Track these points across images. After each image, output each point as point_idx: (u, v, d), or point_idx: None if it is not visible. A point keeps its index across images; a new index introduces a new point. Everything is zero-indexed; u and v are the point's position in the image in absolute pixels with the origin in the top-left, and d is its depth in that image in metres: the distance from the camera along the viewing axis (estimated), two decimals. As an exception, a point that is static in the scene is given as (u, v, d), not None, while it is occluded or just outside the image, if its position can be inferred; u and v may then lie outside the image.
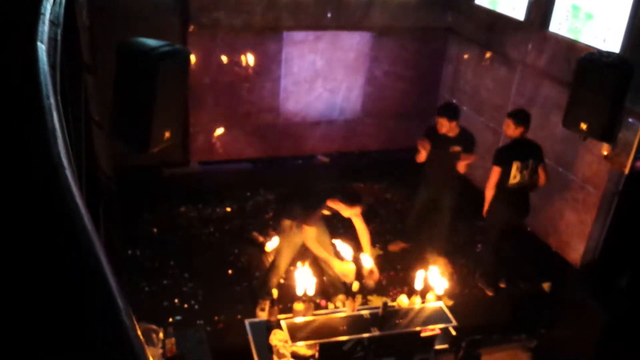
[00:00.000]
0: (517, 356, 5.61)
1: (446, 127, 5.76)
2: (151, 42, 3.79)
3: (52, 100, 1.32)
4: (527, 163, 5.54)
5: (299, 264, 4.89)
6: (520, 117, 5.57)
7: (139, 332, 0.95)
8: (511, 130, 5.56)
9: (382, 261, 6.04)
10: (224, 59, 6.96)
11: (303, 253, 5.25)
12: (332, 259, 4.95)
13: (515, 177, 5.57)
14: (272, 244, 6.00)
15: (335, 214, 5.02)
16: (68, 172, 1.06)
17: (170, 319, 5.19)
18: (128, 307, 0.91)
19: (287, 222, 5.11)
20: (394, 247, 6.52)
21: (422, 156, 5.85)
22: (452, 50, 7.97)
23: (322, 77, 7.58)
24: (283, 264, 5.19)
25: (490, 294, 6.10)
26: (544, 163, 5.63)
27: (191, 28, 6.62)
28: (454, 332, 4.58)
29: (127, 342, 0.85)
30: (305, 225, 4.87)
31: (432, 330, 4.46)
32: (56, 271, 0.90)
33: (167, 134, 3.99)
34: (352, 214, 4.95)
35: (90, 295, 0.89)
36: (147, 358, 0.90)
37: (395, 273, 6.05)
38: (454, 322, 4.56)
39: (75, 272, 0.91)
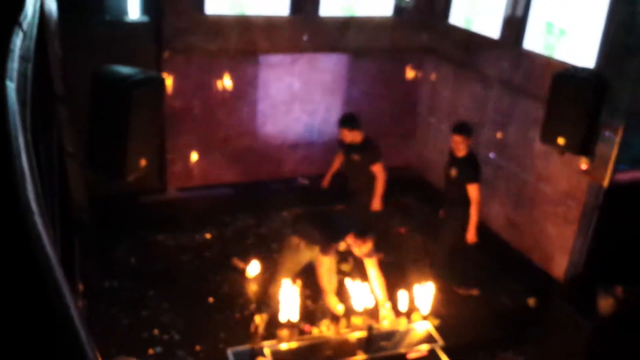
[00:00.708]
0: (505, 374, 5.57)
1: (348, 136, 6.03)
2: (125, 69, 3.75)
3: (21, 141, 1.28)
4: None
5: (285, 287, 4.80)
6: (468, 129, 5.81)
7: None
8: (464, 146, 5.75)
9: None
10: (200, 83, 6.92)
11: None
12: (331, 296, 4.89)
13: None
14: (253, 269, 5.92)
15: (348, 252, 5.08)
16: (37, 219, 1.02)
17: (150, 351, 5.06)
18: (89, 338, 0.89)
19: (295, 239, 5.08)
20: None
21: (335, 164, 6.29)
22: (428, 70, 8.02)
23: (299, 99, 7.57)
24: (284, 276, 5.09)
25: (476, 292, 6.20)
26: None
27: (166, 54, 6.58)
28: (441, 353, 4.52)
29: None
30: (322, 254, 4.82)
31: (419, 352, 4.40)
32: (22, 326, 0.87)
33: (142, 162, 3.94)
34: (363, 252, 4.90)
35: (59, 349, 0.86)
36: None
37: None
38: (441, 342, 4.51)
39: (43, 326, 0.87)
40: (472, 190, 5.82)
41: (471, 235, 5.94)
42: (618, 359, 4.87)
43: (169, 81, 6.57)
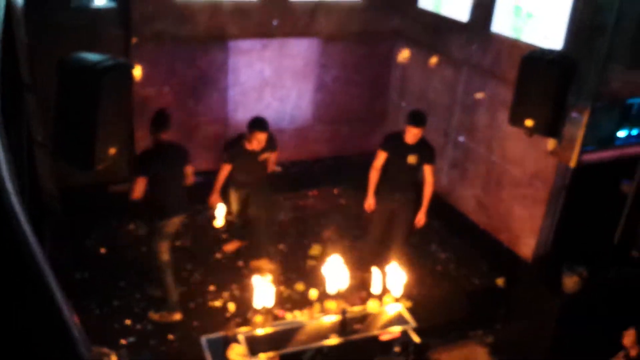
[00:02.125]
0: (474, 352, 5.68)
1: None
2: (92, 56, 3.69)
3: None
4: None
5: (257, 276, 4.82)
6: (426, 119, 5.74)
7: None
8: (417, 132, 5.67)
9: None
10: (169, 70, 6.84)
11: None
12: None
13: None
14: (219, 212, 5.81)
15: None
16: (14, 198, 1.01)
17: (123, 341, 5.05)
18: (84, 337, 0.93)
19: None
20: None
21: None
22: (399, 53, 8.04)
23: (270, 85, 7.54)
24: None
25: None
26: None
27: (134, 40, 6.47)
28: (413, 334, 4.59)
29: None
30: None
31: (391, 333, 4.47)
32: (6, 303, 0.87)
33: (112, 151, 3.89)
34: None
35: (44, 328, 0.86)
36: None
37: (353, 278, 6.03)
38: (413, 324, 4.58)
39: (27, 305, 0.88)
40: (431, 171, 5.83)
41: (423, 218, 5.98)
42: (584, 335, 5.01)
43: (137, 68, 6.47)
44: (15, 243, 0.92)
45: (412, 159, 5.75)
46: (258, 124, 5.72)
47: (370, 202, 6.02)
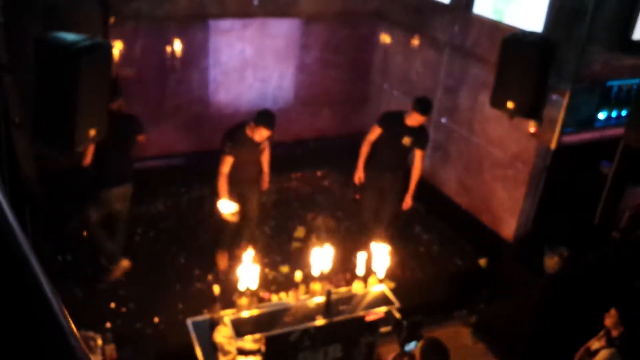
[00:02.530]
0: (458, 332, 5.77)
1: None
2: (70, 36, 3.64)
3: None
4: None
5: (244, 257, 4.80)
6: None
7: (85, 349, 0.90)
8: (419, 119, 5.75)
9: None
10: (149, 50, 6.72)
11: None
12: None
13: None
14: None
15: None
16: None
17: (109, 324, 5.01)
18: (71, 325, 0.87)
19: None
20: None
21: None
22: (381, 35, 8.01)
23: (252, 66, 7.46)
24: None
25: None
26: None
27: (112, 20, 6.34)
28: (397, 314, 4.63)
29: None
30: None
31: (376, 313, 4.50)
32: None
33: (92, 132, 3.84)
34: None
35: (32, 315, 0.84)
36: None
37: (337, 259, 6.05)
38: (397, 304, 4.61)
39: (13, 292, 0.85)
40: (421, 156, 5.94)
41: (409, 201, 6.07)
42: (565, 315, 5.10)
43: (116, 48, 6.35)
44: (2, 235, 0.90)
45: (406, 141, 5.81)
46: (267, 120, 5.43)
47: (359, 175, 6.08)
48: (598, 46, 5.08)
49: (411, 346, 3.77)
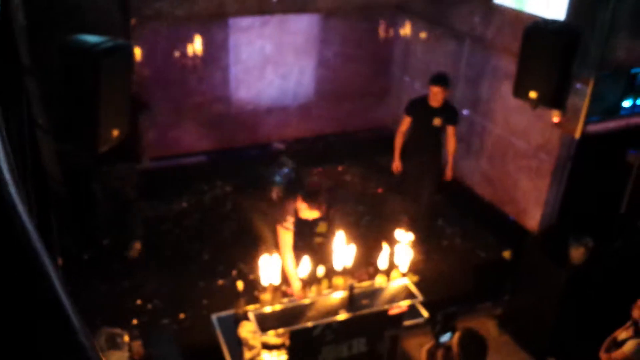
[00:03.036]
0: (483, 324, 5.72)
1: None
2: (92, 38, 3.68)
3: None
4: None
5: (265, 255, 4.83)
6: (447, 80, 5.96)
7: (99, 351, 0.90)
8: (442, 96, 5.89)
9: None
10: (170, 50, 6.79)
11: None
12: (294, 279, 4.74)
13: None
14: None
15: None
16: (11, 188, 0.99)
17: (135, 321, 5.09)
18: (85, 328, 0.87)
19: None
20: None
21: None
22: (401, 28, 7.97)
23: (272, 62, 7.49)
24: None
25: None
26: None
27: (133, 21, 6.42)
28: (421, 308, 4.62)
29: None
30: (279, 226, 4.71)
31: (400, 307, 4.49)
32: (4, 296, 0.85)
33: (115, 132, 3.89)
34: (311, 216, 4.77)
35: (44, 319, 0.85)
36: None
37: (359, 254, 6.05)
38: (420, 298, 4.60)
39: (26, 296, 0.86)
40: (453, 132, 6.10)
41: (450, 173, 6.27)
42: (591, 306, 5.04)
43: (138, 49, 6.44)
44: (14, 235, 0.90)
45: (437, 121, 5.99)
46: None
47: (397, 164, 6.36)
48: (622, 33, 4.99)
49: (446, 338, 3.76)
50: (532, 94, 4.79)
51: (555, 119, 5.49)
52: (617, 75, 5.28)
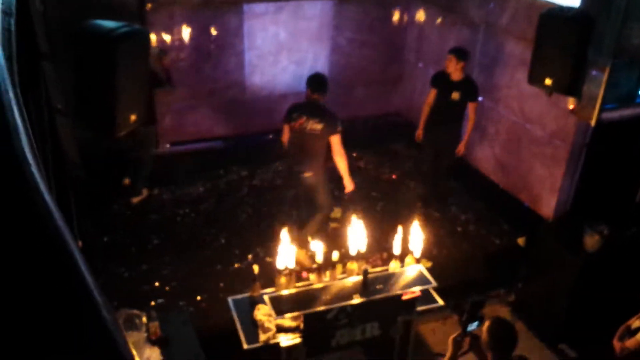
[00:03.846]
0: (497, 311, 5.74)
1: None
2: (109, 23, 3.71)
3: (11, 94, 1.28)
4: None
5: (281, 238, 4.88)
6: (462, 51, 6.10)
7: (120, 325, 0.94)
8: (459, 69, 6.05)
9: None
10: (185, 36, 6.82)
11: None
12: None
13: None
14: None
15: None
16: (34, 169, 1.02)
17: (152, 303, 5.17)
18: (107, 302, 0.90)
19: None
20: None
21: None
22: (414, 14, 7.94)
23: (286, 48, 7.50)
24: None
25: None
26: None
27: (149, 6, 6.46)
28: (434, 293, 4.66)
29: (109, 337, 0.84)
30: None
31: (413, 292, 4.53)
32: (30, 273, 0.88)
33: (132, 117, 3.94)
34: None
35: (67, 294, 0.87)
36: (129, 351, 0.89)
37: (373, 239, 6.08)
38: (434, 283, 4.63)
39: (50, 273, 0.89)
40: (473, 108, 6.23)
41: (463, 148, 6.42)
42: (605, 294, 5.04)
43: (153, 35, 6.47)
44: (37, 214, 0.93)
45: (455, 95, 6.13)
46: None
47: (418, 133, 6.57)
48: (638, 20, 4.94)
49: (473, 326, 3.77)
50: (547, 81, 4.78)
51: (571, 106, 5.46)
52: (633, 63, 5.23)
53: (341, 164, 5.52)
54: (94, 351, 0.83)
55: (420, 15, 7.83)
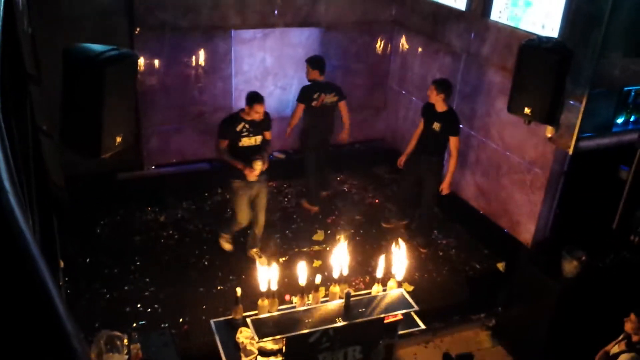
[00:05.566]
0: (477, 335, 5.80)
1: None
2: (97, 47, 3.75)
3: None
4: None
5: (260, 262, 4.91)
6: (443, 83, 6.20)
7: (91, 353, 0.90)
8: (441, 100, 6.15)
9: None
10: (173, 60, 6.90)
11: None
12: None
13: None
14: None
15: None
16: (11, 197, 0.99)
17: (134, 324, 5.15)
18: (79, 332, 0.87)
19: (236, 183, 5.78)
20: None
21: None
22: (398, 42, 8.10)
23: (272, 74, 7.61)
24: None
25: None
26: None
27: (137, 30, 6.54)
28: (416, 317, 4.70)
29: None
30: None
31: (395, 316, 4.56)
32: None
33: (118, 139, 3.96)
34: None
35: (37, 324, 0.84)
36: None
37: (356, 263, 6.14)
38: (415, 307, 4.67)
39: (20, 301, 0.86)
40: (455, 142, 6.24)
41: (446, 187, 6.38)
42: (583, 319, 5.11)
43: (142, 58, 6.54)
44: (10, 240, 0.91)
45: (436, 126, 6.22)
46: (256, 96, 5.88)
47: (401, 159, 6.71)
48: (614, 52, 5.10)
49: None
50: (527, 110, 4.89)
51: (549, 134, 5.59)
52: (610, 92, 5.39)
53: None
54: None
55: (404, 44, 7.99)
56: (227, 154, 5.73)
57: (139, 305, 5.47)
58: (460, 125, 6.39)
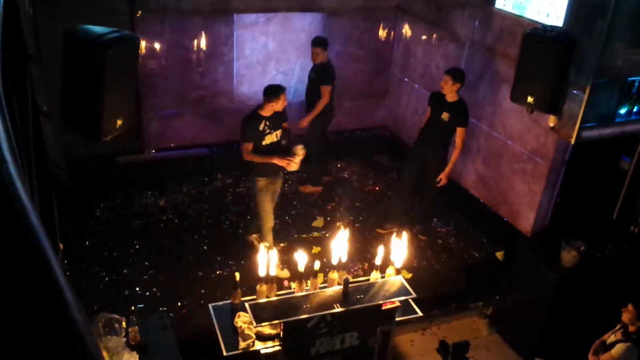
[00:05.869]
0: (474, 323, 5.83)
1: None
2: (98, 29, 3.72)
3: None
4: None
5: (262, 245, 4.90)
6: (458, 72, 6.05)
7: (92, 327, 0.91)
8: (454, 90, 5.99)
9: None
10: (175, 43, 6.87)
11: None
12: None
13: None
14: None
15: None
16: (12, 167, 0.98)
17: (133, 307, 5.17)
18: (79, 303, 0.87)
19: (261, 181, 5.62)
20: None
21: None
22: (402, 29, 8.05)
23: (274, 59, 7.57)
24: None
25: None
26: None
27: (139, 13, 6.50)
28: (413, 304, 4.71)
29: (78, 339, 0.82)
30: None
31: (393, 303, 4.57)
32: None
33: (119, 122, 3.95)
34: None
35: (37, 294, 0.84)
36: (99, 353, 0.88)
37: (355, 249, 6.14)
38: (413, 294, 4.68)
39: (19, 270, 0.85)
40: (462, 134, 6.13)
41: (444, 178, 6.27)
42: (581, 309, 5.13)
43: (143, 41, 6.50)
44: (12, 211, 0.90)
45: (445, 115, 6.06)
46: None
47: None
48: (619, 42, 5.06)
49: None
50: (529, 99, 4.87)
51: (551, 124, 5.57)
52: (614, 83, 5.36)
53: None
54: (63, 352, 0.80)
55: (407, 31, 7.94)
56: (256, 154, 5.54)
57: (137, 289, 5.48)
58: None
